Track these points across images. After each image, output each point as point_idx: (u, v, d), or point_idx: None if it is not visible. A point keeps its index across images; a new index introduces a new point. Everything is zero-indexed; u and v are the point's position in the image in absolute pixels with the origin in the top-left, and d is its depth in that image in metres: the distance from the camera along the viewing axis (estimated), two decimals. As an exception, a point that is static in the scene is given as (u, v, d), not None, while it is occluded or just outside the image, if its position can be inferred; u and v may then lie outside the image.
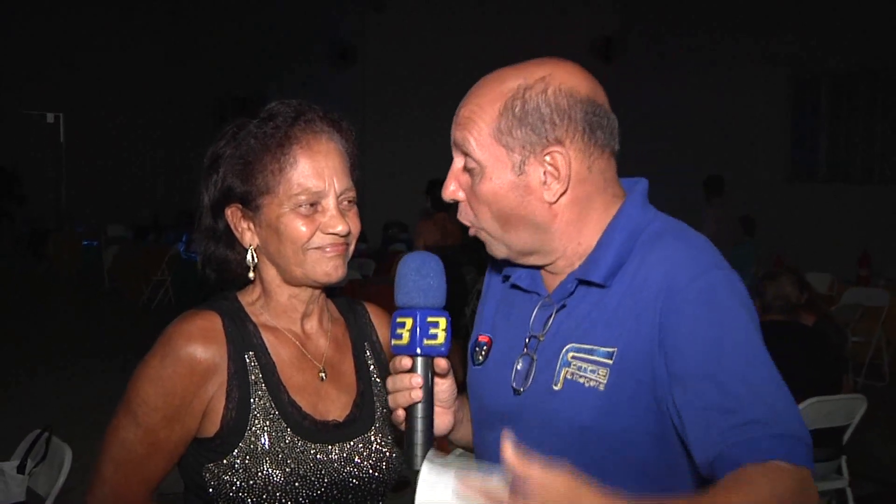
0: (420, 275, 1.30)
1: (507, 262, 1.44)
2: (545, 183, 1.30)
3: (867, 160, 10.82)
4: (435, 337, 1.28)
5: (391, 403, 1.32)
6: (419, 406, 1.28)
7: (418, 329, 1.27)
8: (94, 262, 12.60)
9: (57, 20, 16.38)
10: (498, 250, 1.37)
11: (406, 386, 1.28)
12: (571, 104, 1.29)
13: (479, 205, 1.33)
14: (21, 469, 2.93)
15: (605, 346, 1.27)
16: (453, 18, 13.13)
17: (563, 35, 12.77)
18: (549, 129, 1.28)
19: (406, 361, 1.28)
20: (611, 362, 1.26)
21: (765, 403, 1.16)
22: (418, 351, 1.27)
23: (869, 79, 10.63)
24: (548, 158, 1.29)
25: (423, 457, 1.26)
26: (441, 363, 1.31)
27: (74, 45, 16.52)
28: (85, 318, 10.83)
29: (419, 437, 1.28)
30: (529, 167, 1.30)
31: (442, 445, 2.65)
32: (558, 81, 1.30)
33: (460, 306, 7.86)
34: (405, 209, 12.25)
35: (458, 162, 1.35)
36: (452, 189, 1.36)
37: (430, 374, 1.30)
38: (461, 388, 1.46)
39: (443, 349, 1.29)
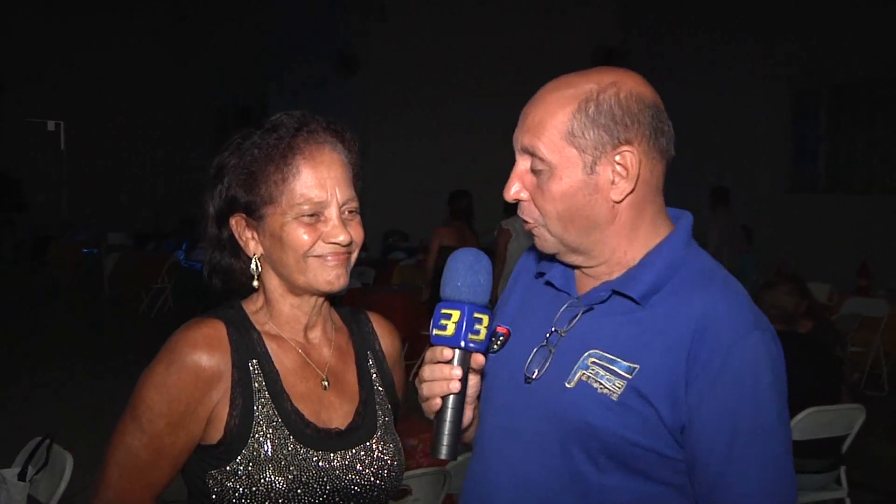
0: (472, 271, 1.34)
1: (544, 260, 1.50)
2: (613, 182, 1.35)
3: (867, 170, 10.83)
4: (478, 333, 1.32)
5: (426, 392, 1.34)
6: (452, 397, 1.32)
7: (465, 323, 1.30)
8: (95, 269, 12.61)
9: (57, 26, 16.42)
10: (550, 245, 1.41)
11: (445, 376, 1.32)
12: (640, 108, 1.35)
13: (545, 203, 1.37)
14: (22, 476, 2.93)
15: (627, 361, 1.32)
16: (455, 26, 13.16)
17: (564, 41, 12.81)
18: (621, 131, 1.34)
19: (447, 352, 1.32)
20: (630, 377, 1.30)
21: (760, 487, 1.27)
22: (462, 344, 1.31)
23: (869, 88, 10.65)
24: (618, 158, 1.34)
25: (449, 447, 1.31)
26: (479, 359, 1.35)
27: (75, 52, 16.57)
28: (85, 325, 10.84)
29: (447, 427, 1.31)
30: (600, 167, 1.34)
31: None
32: (628, 87, 1.36)
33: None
34: (406, 217, 12.27)
35: (524, 164, 1.39)
36: (516, 190, 1.40)
37: (467, 368, 1.33)
38: None
39: (482, 346, 1.33)
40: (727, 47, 11.64)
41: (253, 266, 1.51)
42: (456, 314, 1.31)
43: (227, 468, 1.43)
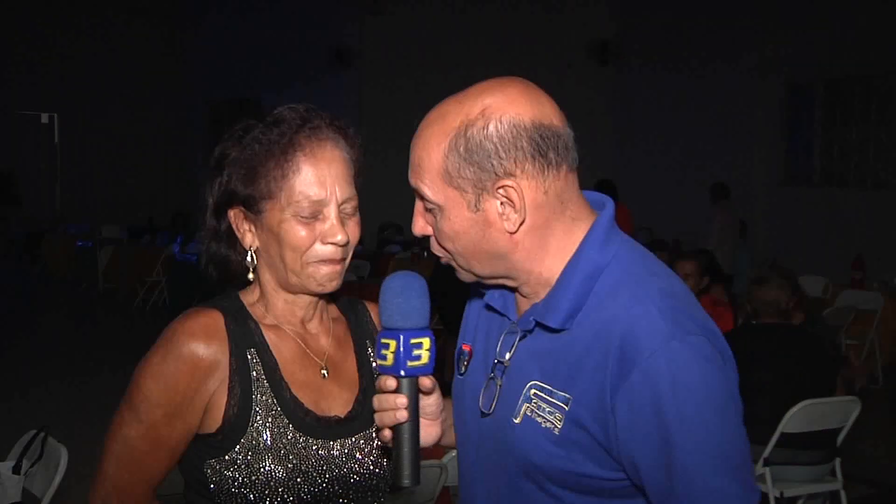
0: (403, 297, 1.31)
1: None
2: (503, 214, 1.28)
3: (861, 165, 10.86)
4: (419, 358, 1.29)
5: (377, 422, 1.33)
6: (405, 426, 1.30)
7: (402, 351, 1.28)
8: (89, 263, 12.59)
9: (52, 19, 16.35)
10: (466, 277, 1.38)
11: (391, 406, 1.30)
12: (515, 135, 1.25)
13: (444, 241, 1.33)
14: (17, 469, 2.93)
15: (561, 391, 1.28)
16: (451, 21, 13.15)
17: (560, 38, 12.80)
18: (497, 164, 1.25)
19: (391, 382, 1.30)
20: (566, 408, 1.27)
21: (711, 492, 1.20)
22: (402, 373, 1.29)
23: (864, 83, 10.67)
24: (501, 192, 1.27)
25: (412, 475, 1.29)
26: (426, 382, 1.32)
27: (69, 45, 16.49)
28: (79, 319, 10.82)
29: (406, 456, 1.30)
30: (485, 203, 1.28)
31: (436, 452, 2.64)
32: (499, 113, 1.26)
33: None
34: (401, 211, 12.23)
35: (420, 202, 1.35)
36: (421, 225, 1.36)
37: (415, 392, 1.31)
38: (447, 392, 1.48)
39: (427, 369, 1.31)
40: (722, 42, 11.64)
41: (248, 258, 1.50)
42: (392, 343, 1.29)
43: (226, 457, 1.42)
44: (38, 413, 5.65)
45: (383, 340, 1.31)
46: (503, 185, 1.26)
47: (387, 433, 1.32)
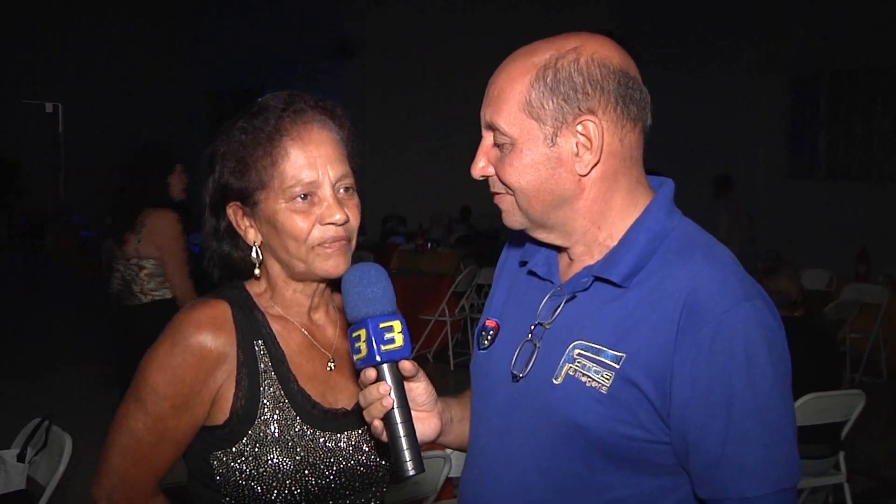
0: (361, 286, 1.30)
1: (526, 248, 1.44)
2: (577, 154, 1.27)
3: (866, 158, 10.83)
4: (392, 341, 1.27)
5: (367, 418, 1.31)
6: (395, 412, 1.27)
7: (373, 338, 1.27)
8: (93, 252, 12.59)
9: (56, 9, 16.32)
10: (516, 220, 1.35)
11: (375, 396, 1.27)
12: (604, 74, 1.26)
13: (509, 177, 1.31)
14: (21, 457, 2.94)
15: (613, 349, 1.25)
16: (453, 12, 13.11)
17: (566, 24, 12.71)
18: (582, 99, 1.26)
19: (371, 373, 1.28)
20: (617, 366, 1.24)
21: (762, 459, 1.20)
22: (378, 359, 1.27)
23: (868, 77, 10.63)
24: (580, 128, 1.26)
25: (414, 461, 1.25)
26: (406, 365, 1.30)
27: (73, 34, 16.46)
28: (83, 308, 10.82)
29: (404, 443, 1.27)
30: (561, 138, 1.27)
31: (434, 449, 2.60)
32: (591, 51, 1.27)
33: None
34: (404, 202, 12.26)
35: (488, 139, 1.33)
36: (482, 166, 1.35)
37: (398, 378, 1.29)
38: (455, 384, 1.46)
39: (404, 352, 1.29)
40: (724, 36, 11.59)
41: (254, 255, 1.49)
42: (363, 333, 1.28)
43: (233, 449, 1.42)
44: (42, 402, 5.66)
45: (354, 334, 1.28)
46: (584, 121, 1.26)
47: (377, 425, 1.29)
